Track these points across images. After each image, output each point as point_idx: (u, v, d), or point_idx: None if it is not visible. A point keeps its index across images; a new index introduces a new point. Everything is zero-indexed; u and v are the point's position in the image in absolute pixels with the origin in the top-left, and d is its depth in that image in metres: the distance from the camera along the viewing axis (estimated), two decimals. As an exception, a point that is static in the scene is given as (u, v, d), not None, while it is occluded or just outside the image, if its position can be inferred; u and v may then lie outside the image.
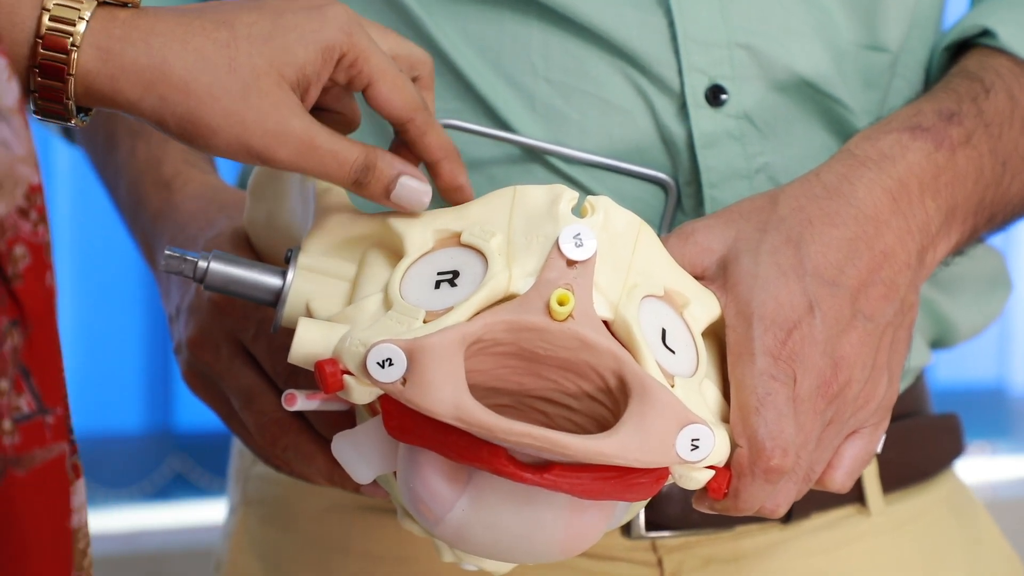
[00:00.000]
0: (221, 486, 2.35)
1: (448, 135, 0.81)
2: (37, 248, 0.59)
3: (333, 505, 0.97)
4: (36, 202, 0.59)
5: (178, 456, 2.33)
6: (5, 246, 0.58)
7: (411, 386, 0.69)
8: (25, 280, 0.59)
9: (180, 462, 2.33)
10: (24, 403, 0.59)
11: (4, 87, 0.59)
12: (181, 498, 2.34)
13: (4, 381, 0.58)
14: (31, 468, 0.59)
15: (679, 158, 0.89)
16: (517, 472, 0.70)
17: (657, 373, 0.72)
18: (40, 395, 0.60)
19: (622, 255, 0.75)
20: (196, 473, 2.34)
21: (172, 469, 2.33)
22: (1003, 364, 2.58)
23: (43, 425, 0.60)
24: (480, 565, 0.78)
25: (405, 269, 0.75)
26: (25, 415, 0.59)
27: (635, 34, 0.88)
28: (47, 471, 0.60)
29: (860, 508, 0.97)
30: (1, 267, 0.58)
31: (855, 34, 0.90)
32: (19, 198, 0.59)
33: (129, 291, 2.22)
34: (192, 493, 2.34)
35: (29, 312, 0.59)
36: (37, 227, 0.60)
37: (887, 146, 0.82)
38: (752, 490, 0.74)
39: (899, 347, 0.80)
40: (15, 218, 0.59)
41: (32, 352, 0.59)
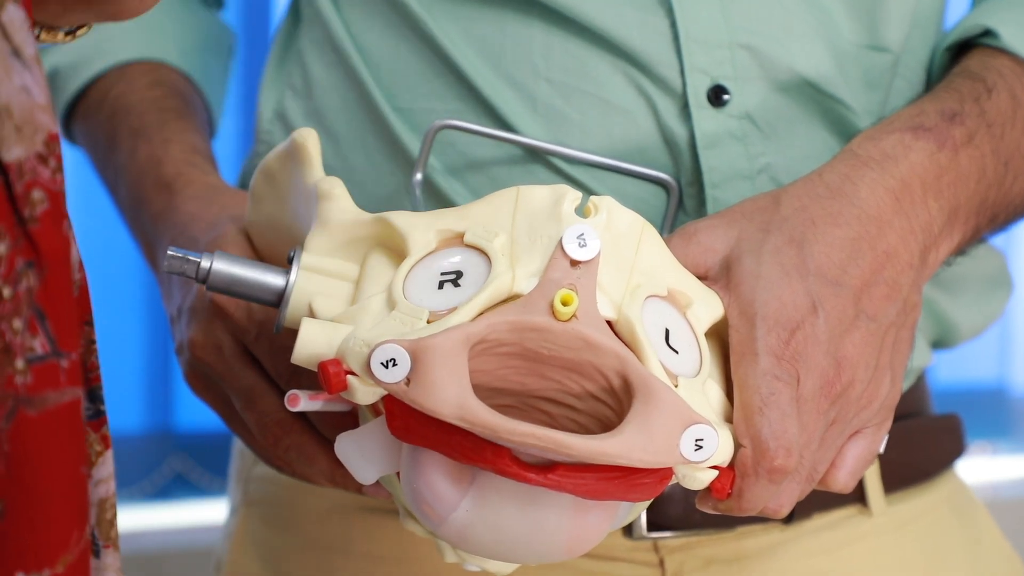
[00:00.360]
0: (221, 486, 2.35)
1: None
2: (55, 195, 0.59)
3: (334, 506, 0.97)
4: (55, 150, 0.59)
5: (178, 456, 2.33)
6: (23, 188, 0.58)
7: (415, 386, 0.69)
8: (42, 224, 0.58)
9: (180, 462, 2.33)
10: (38, 344, 0.59)
11: (26, 37, 0.59)
12: (181, 498, 2.33)
13: (18, 321, 0.57)
14: (43, 409, 0.58)
15: (681, 158, 0.89)
16: (521, 472, 0.70)
17: (661, 373, 0.72)
18: (55, 338, 0.59)
19: (625, 255, 0.75)
20: (196, 473, 2.34)
21: (172, 469, 2.32)
22: (1004, 364, 2.58)
23: (57, 368, 0.59)
24: (483, 566, 0.78)
25: (408, 269, 0.75)
26: (39, 356, 0.58)
27: (636, 34, 0.88)
28: (60, 414, 0.59)
29: (862, 508, 0.96)
30: (19, 209, 0.57)
31: (856, 34, 0.90)
32: (39, 144, 0.59)
33: (129, 291, 2.22)
34: (192, 493, 2.34)
35: (45, 255, 0.58)
36: (56, 175, 0.59)
37: (890, 146, 0.82)
38: (756, 490, 0.74)
39: (902, 347, 0.80)
40: (34, 163, 0.58)
41: (47, 295, 0.58)
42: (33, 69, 0.60)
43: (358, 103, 0.93)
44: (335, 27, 0.94)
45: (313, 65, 0.95)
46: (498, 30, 0.89)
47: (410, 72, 0.92)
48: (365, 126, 0.93)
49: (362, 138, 0.93)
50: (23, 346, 0.58)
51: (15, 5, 0.59)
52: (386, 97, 0.92)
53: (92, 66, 1.01)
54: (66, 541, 0.59)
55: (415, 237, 0.76)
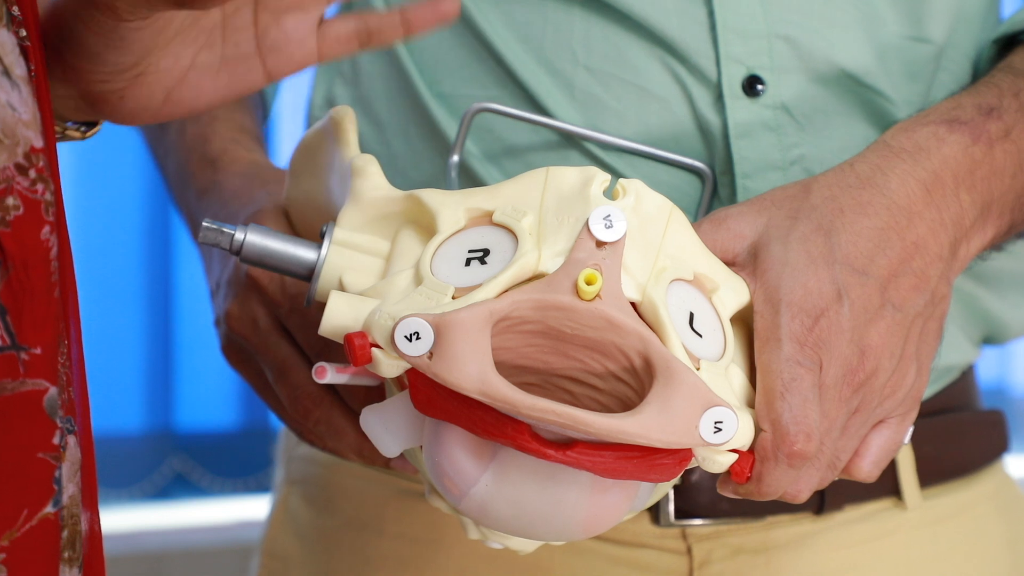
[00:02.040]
0: (221, 486, 2.37)
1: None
2: (33, 203, 0.63)
3: (369, 486, 0.98)
4: (36, 163, 0.63)
5: (179, 456, 2.35)
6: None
7: (437, 360, 0.70)
8: (13, 228, 0.62)
9: (181, 462, 2.35)
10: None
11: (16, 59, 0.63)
12: (181, 498, 2.35)
13: None
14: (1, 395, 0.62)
15: (715, 147, 0.89)
16: (540, 449, 0.70)
17: (683, 355, 0.73)
18: (15, 332, 0.63)
19: (652, 238, 0.75)
20: (197, 473, 2.35)
21: (173, 469, 2.34)
22: (1004, 365, 2.56)
23: (16, 360, 0.63)
24: (505, 543, 0.79)
25: (437, 246, 0.75)
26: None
27: (675, 23, 0.88)
28: (15, 401, 0.62)
29: (896, 502, 0.96)
30: None
31: (900, 25, 0.90)
32: (19, 155, 0.63)
33: (130, 291, 2.23)
34: (192, 493, 2.36)
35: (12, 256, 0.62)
36: (36, 184, 0.63)
37: (923, 138, 0.82)
38: (775, 475, 0.74)
39: (929, 338, 0.80)
40: (12, 171, 0.62)
41: (10, 293, 0.62)
42: (21, 88, 0.64)
43: (401, 90, 0.94)
44: None
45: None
46: (539, 17, 0.90)
47: (451, 58, 0.93)
48: (407, 113, 0.94)
49: (404, 125, 0.94)
50: None
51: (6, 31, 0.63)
52: (427, 84, 0.93)
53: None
54: (14, 518, 0.63)
55: (445, 215, 0.76)
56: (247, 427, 2.37)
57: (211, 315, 0.92)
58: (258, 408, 2.36)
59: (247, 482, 2.37)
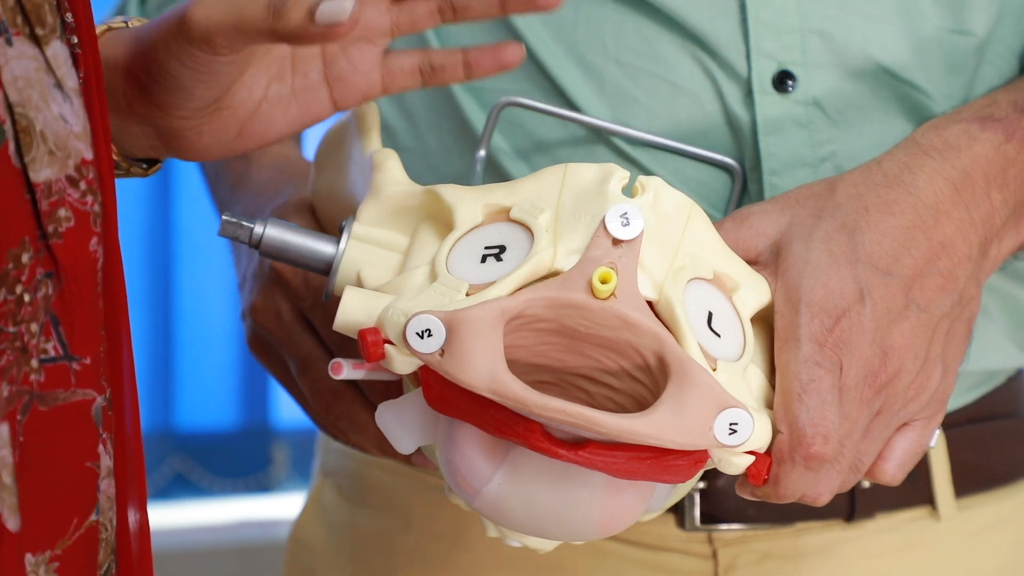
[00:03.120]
0: (222, 486, 2.38)
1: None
2: (83, 215, 0.64)
3: (397, 482, 0.98)
4: (86, 175, 0.64)
5: (179, 456, 2.36)
6: (48, 206, 0.63)
7: (449, 357, 0.69)
8: (65, 239, 0.63)
9: (181, 462, 2.36)
10: (51, 348, 0.64)
11: (68, 71, 0.65)
12: (182, 498, 2.36)
13: (35, 324, 0.62)
14: (53, 405, 0.63)
15: (744, 143, 0.88)
16: (552, 448, 0.70)
17: (699, 355, 0.72)
18: (67, 343, 0.64)
19: (670, 236, 0.74)
20: (197, 473, 2.36)
21: (173, 469, 2.35)
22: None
23: (68, 370, 0.64)
24: (523, 541, 0.78)
25: (453, 242, 0.75)
26: (51, 358, 0.64)
27: (706, 17, 0.87)
28: (68, 411, 0.64)
29: (930, 511, 0.94)
30: (43, 224, 0.63)
31: (940, 17, 0.88)
32: (70, 168, 0.64)
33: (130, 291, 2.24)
34: (193, 493, 2.37)
35: (64, 268, 0.63)
36: (85, 196, 0.64)
37: (953, 136, 0.81)
38: (792, 477, 0.73)
39: (956, 340, 0.78)
40: (63, 184, 0.63)
41: (63, 304, 0.63)
42: (73, 100, 0.65)
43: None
44: None
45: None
46: (571, 10, 0.89)
47: None
48: (439, 107, 0.94)
49: (437, 119, 0.94)
50: (38, 347, 0.64)
51: (60, 42, 0.64)
52: None
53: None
54: (65, 526, 0.64)
55: (462, 211, 0.76)
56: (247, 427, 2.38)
57: (211, 315, 0.92)
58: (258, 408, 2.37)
59: (247, 482, 2.38)
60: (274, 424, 2.39)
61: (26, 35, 0.63)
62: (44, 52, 0.64)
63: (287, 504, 2.36)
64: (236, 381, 2.34)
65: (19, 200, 0.62)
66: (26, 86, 0.63)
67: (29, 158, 0.63)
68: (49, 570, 0.64)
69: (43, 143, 0.63)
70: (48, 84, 0.64)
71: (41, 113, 0.63)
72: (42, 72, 0.64)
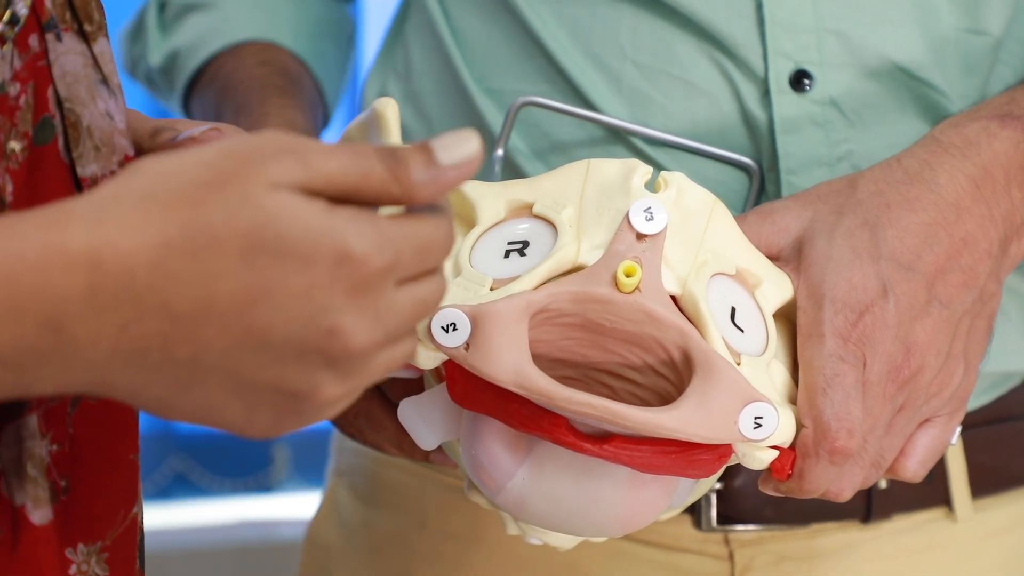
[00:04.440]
0: (222, 486, 2.37)
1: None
2: None
3: (412, 481, 0.97)
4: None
5: (179, 456, 2.35)
6: None
7: (474, 352, 0.69)
8: None
9: (181, 462, 2.35)
10: None
11: (113, 68, 0.65)
12: (182, 498, 2.36)
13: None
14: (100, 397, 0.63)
15: (762, 143, 0.88)
16: (577, 442, 0.70)
17: (723, 350, 0.72)
18: None
19: (693, 231, 0.74)
20: (197, 473, 2.36)
21: (173, 469, 2.35)
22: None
23: None
24: (544, 538, 0.78)
25: (476, 237, 0.75)
26: None
27: (723, 17, 0.87)
28: (114, 403, 0.64)
29: (947, 512, 0.94)
30: None
31: (956, 17, 0.88)
32: (114, 164, 0.65)
33: None
34: (193, 493, 2.36)
35: None
36: None
37: (973, 133, 0.81)
38: (817, 472, 0.73)
39: (977, 336, 0.79)
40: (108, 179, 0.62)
41: None
42: (118, 97, 0.65)
43: (451, 86, 0.94)
44: (434, 11, 0.95)
45: (414, 50, 0.97)
46: (588, 12, 0.89)
47: (501, 54, 0.92)
48: (456, 108, 0.94)
49: (453, 120, 0.94)
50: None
51: (106, 39, 0.64)
52: (476, 79, 0.93)
53: (209, 46, 1.02)
54: (114, 517, 0.65)
55: (484, 206, 0.76)
56: (247, 427, 2.37)
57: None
58: (258, 408, 2.37)
59: (247, 482, 2.37)
60: (273, 424, 2.38)
61: (74, 31, 0.64)
62: (92, 48, 0.64)
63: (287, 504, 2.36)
64: (236, 381, 2.33)
65: (67, 194, 0.62)
66: (74, 82, 0.63)
67: (77, 153, 0.63)
68: (100, 560, 0.64)
69: (89, 138, 0.63)
70: (95, 80, 0.64)
71: (88, 109, 0.63)
72: (89, 68, 0.64)
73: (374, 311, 0.57)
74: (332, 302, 0.56)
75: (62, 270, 0.54)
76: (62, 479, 0.63)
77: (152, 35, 1.04)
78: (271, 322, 0.56)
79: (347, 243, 0.56)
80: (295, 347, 0.56)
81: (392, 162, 0.59)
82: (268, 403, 0.58)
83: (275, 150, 0.57)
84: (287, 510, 2.34)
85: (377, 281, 0.57)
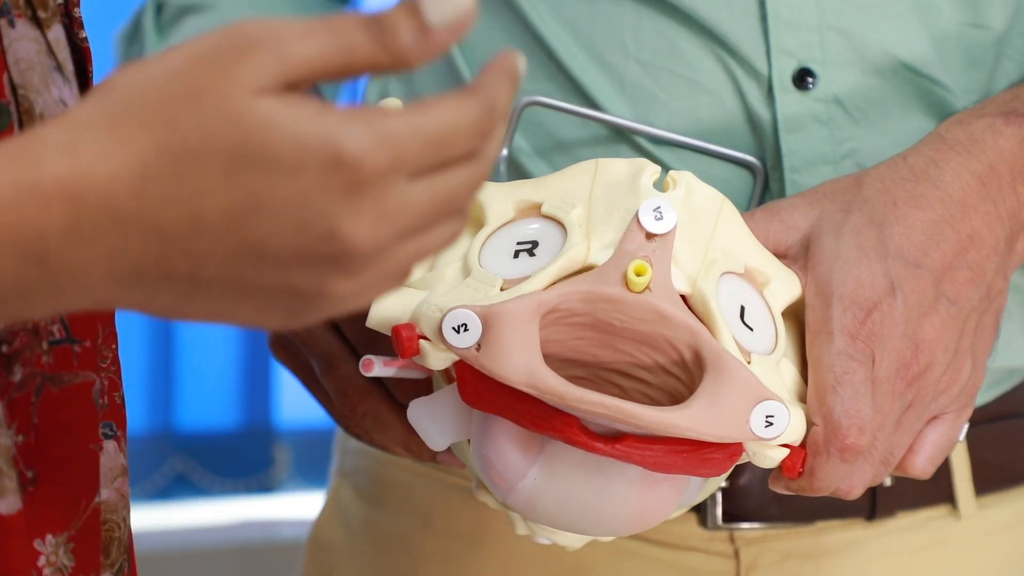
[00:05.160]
0: (222, 486, 2.37)
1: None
2: None
3: (417, 481, 0.97)
4: None
5: (179, 456, 2.35)
6: None
7: (485, 352, 0.69)
8: None
9: (181, 462, 2.35)
10: (56, 330, 0.65)
11: (67, 56, 0.64)
12: (182, 498, 2.36)
13: None
14: (62, 387, 0.64)
15: (766, 141, 0.88)
16: (589, 442, 0.70)
17: (733, 348, 0.72)
18: (69, 326, 0.65)
19: (702, 231, 0.74)
20: (197, 473, 2.36)
21: (173, 469, 2.35)
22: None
23: (71, 352, 0.65)
24: (553, 538, 0.78)
25: (485, 238, 0.75)
26: (56, 340, 0.64)
27: (725, 15, 0.87)
28: (73, 393, 0.64)
29: (950, 510, 0.94)
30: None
31: (956, 12, 0.88)
32: None
33: None
34: (193, 493, 2.36)
35: None
36: None
37: (978, 130, 0.81)
38: (827, 469, 0.73)
39: (984, 333, 0.79)
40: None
41: None
42: (72, 84, 0.64)
43: (452, 85, 0.94)
44: None
45: None
46: (589, 10, 0.89)
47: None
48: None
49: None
50: (46, 330, 0.64)
51: (60, 26, 0.63)
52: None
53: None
54: (77, 507, 0.65)
55: (493, 207, 0.76)
56: (247, 427, 2.38)
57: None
58: (259, 408, 2.37)
59: (247, 482, 2.38)
60: (275, 424, 2.38)
61: (28, 18, 0.63)
62: (46, 35, 0.63)
63: (288, 504, 2.36)
64: (237, 381, 2.33)
65: None
66: (28, 68, 0.62)
67: None
68: (67, 551, 0.64)
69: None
70: (49, 67, 0.63)
71: (41, 96, 0.62)
72: (43, 55, 0.63)
73: (376, 210, 0.54)
74: (327, 208, 0.54)
75: (39, 206, 0.53)
76: (28, 470, 0.63)
77: (149, 37, 1.03)
78: (265, 233, 0.54)
79: (337, 147, 0.53)
80: (294, 254, 0.54)
81: (377, 30, 0.55)
82: (277, 303, 0.56)
83: (247, 46, 0.54)
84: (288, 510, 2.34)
85: (376, 181, 0.54)
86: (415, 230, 0.56)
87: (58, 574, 0.64)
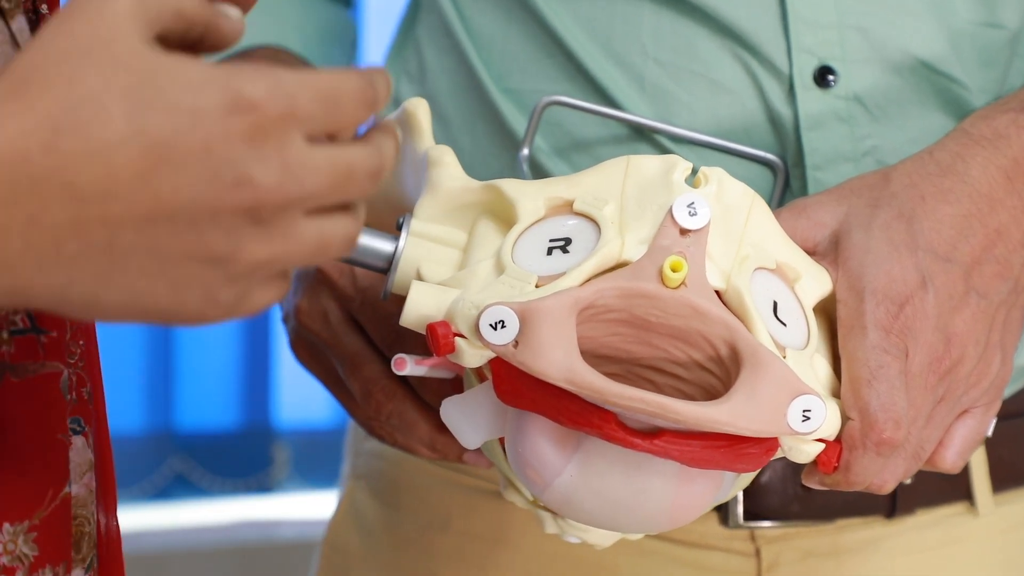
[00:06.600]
0: (222, 486, 2.37)
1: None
2: None
3: (434, 482, 0.97)
4: None
5: (179, 456, 2.35)
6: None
7: (523, 348, 0.69)
8: None
9: (181, 462, 2.35)
10: (19, 320, 0.65)
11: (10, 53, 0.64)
12: (182, 498, 2.36)
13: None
14: (24, 377, 0.64)
15: (787, 139, 0.88)
16: (627, 438, 0.70)
17: (769, 343, 0.72)
18: (34, 317, 0.65)
19: (735, 226, 0.75)
20: (197, 473, 2.35)
21: (173, 469, 2.35)
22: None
23: (36, 342, 0.65)
24: (584, 536, 0.78)
25: (517, 235, 0.75)
26: (19, 329, 0.64)
27: (745, 14, 0.87)
28: (38, 383, 0.64)
29: (968, 507, 0.94)
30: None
31: (972, 11, 0.89)
32: None
33: None
34: (193, 493, 2.36)
35: None
36: None
37: (1002, 125, 0.82)
38: (863, 463, 0.74)
39: (1013, 327, 0.79)
40: None
41: None
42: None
43: (468, 86, 0.94)
44: (448, 12, 0.95)
45: (427, 51, 0.96)
46: (607, 10, 0.89)
47: (519, 54, 0.92)
48: (474, 109, 0.94)
49: (471, 121, 0.94)
50: (7, 319, 0.63)
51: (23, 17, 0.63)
52: (495, 79, 0.93)
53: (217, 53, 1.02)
54: (42, 497, 0.64)
55: (524, 204, 0.76)
56: (247, 427, 2.38)
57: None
58: (259, 408, 2.37)
59: (247, 482, 2.37)
60: (275, 424, 2.38)
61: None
62: (9, 26, 0.63)
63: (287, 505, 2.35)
64: (237, 381, 2.33)
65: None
66: None
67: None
68: (28, 540, 0.64)
69: None
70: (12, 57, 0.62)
71: None
72: (6, 45, 0.63)
73: (280, 159, 0.56)
74: (232, 153, 0.55)
75: None
76: None
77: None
78: (176, 185, 0.55)
79: (234, 87, 0.55)
80: (206, 207, 0.55)
81: None
82: (194, 278, 0.57)
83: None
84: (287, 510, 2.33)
85: (277, 126, 0.56)
86: (318, 197, 0.57)
87: (16, 562, 0.63)
